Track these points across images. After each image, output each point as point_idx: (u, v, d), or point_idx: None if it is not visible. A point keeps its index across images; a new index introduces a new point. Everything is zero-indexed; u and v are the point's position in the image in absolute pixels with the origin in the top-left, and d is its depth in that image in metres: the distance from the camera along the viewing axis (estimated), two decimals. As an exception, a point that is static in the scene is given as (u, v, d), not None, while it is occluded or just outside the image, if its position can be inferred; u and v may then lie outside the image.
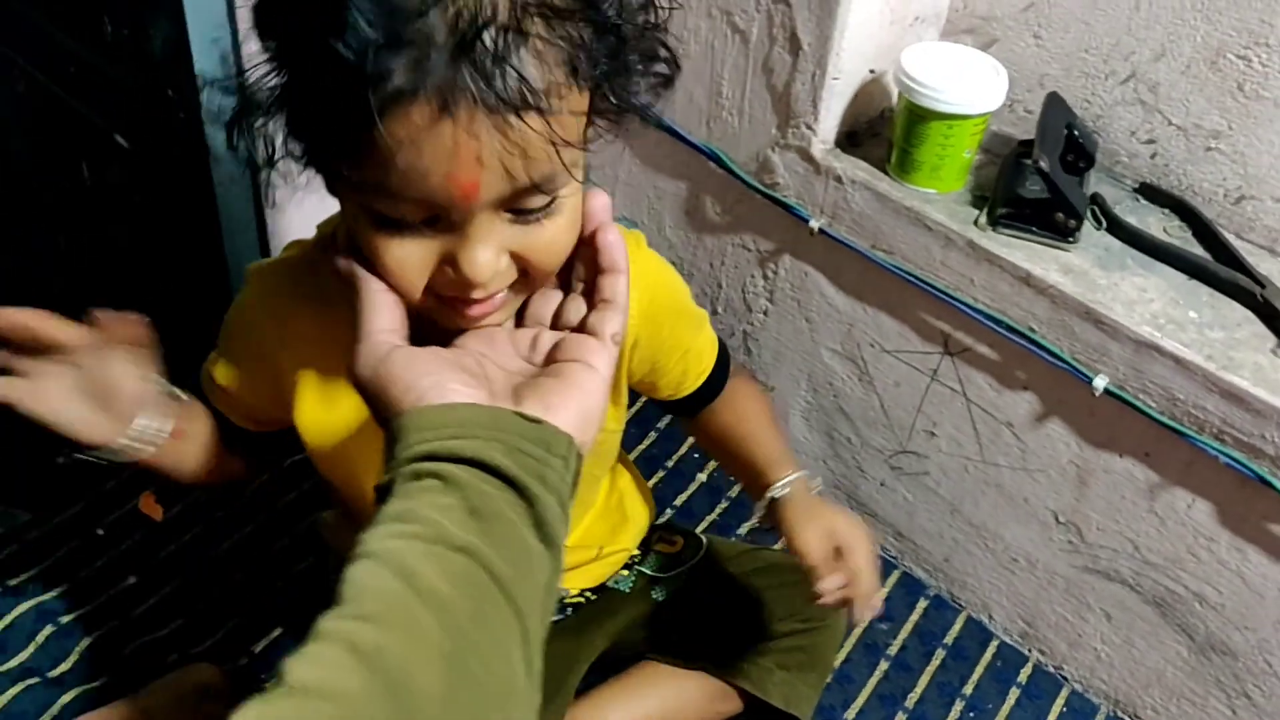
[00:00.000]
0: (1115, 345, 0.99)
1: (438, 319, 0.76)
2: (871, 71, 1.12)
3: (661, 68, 0.72)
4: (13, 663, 1.07)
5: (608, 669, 1.07)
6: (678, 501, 1.30)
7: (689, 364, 0.96)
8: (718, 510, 1.30)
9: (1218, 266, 1.01)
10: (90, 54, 1.29)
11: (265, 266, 0.87)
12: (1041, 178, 1.01)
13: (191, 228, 1.27)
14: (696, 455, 1.36)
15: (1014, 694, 1.16)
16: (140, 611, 1.13)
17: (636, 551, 1.10)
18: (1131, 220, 1.06)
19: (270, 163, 0.69)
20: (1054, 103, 1.08)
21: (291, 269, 0.85)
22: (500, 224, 0.67)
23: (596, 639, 1.06)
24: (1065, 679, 1.19)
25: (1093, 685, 1.17)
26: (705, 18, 1.15)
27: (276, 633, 1.13)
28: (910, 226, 1.08)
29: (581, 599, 1.05)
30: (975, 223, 1.06)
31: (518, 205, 0.67)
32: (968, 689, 1.15)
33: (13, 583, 1.13)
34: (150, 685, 1.03)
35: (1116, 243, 1.05)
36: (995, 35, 1.13)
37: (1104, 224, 1.06)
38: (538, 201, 0.67)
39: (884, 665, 1.16)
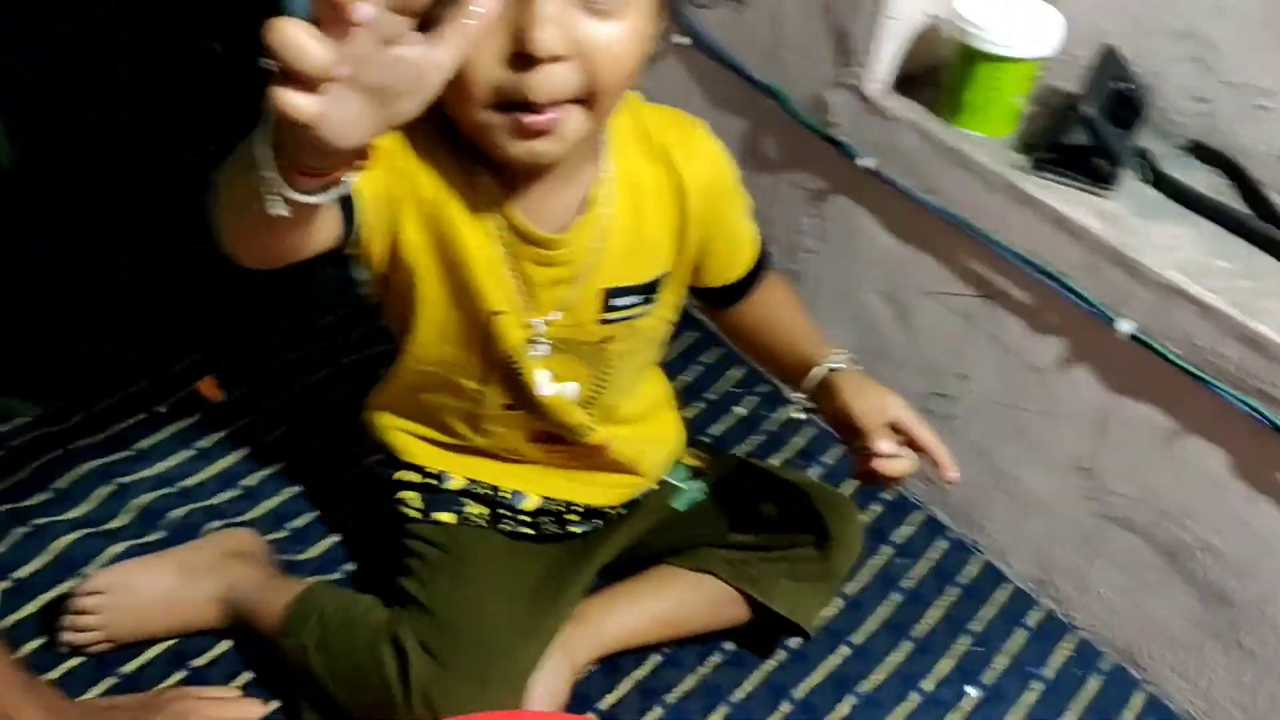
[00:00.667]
0: (1141, 289, 1.00)
1: (497, 140, 0.78)
2: (931, 16, 1.15)
3: None
4: (74, 513, 1.14)
5: (621, 571, 1.11)
6: (714, 431, 1.34)
7: (735, 249, 1.01)
8: (754, 444, 1.33)
9: (1256, 221, 1.03)
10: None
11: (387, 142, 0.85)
12: (1082, 123, 1.03)
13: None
14: (738, 390, 1.39)
15: (1021, 635, 1.18)
16: (193, 483, 1.20)
17: (669, 469, 1.14)
18: (1178, 176, 1.07)
19: None
20: (1107, 55, 1.10)
21: (411, 136, 0.85)
22: (569, 11, 0.73)
23: (612, 542, 1.10)
24: (1075, 626, 1.20)
25: (1100, 634, 1.19)
26: (772, -43, 1.19)
27: (314, 514, 1.19)
28: (954, 168, 1.11)
29: (614, 513, 1.10)
30: (1017, 166, 1.08)
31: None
32: (976, 626, 1.18)
33: (73, 446, 1.21)
34: (191, 541, 1.10)
35: (1157, 194, 1.07)
36: (1057, -10, 1.15)
37: (1148, 176, 1.08)
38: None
39: (897, 597, 1.19)
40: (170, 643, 1.06)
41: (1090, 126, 1.03)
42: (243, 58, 0.68)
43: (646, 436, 1.09)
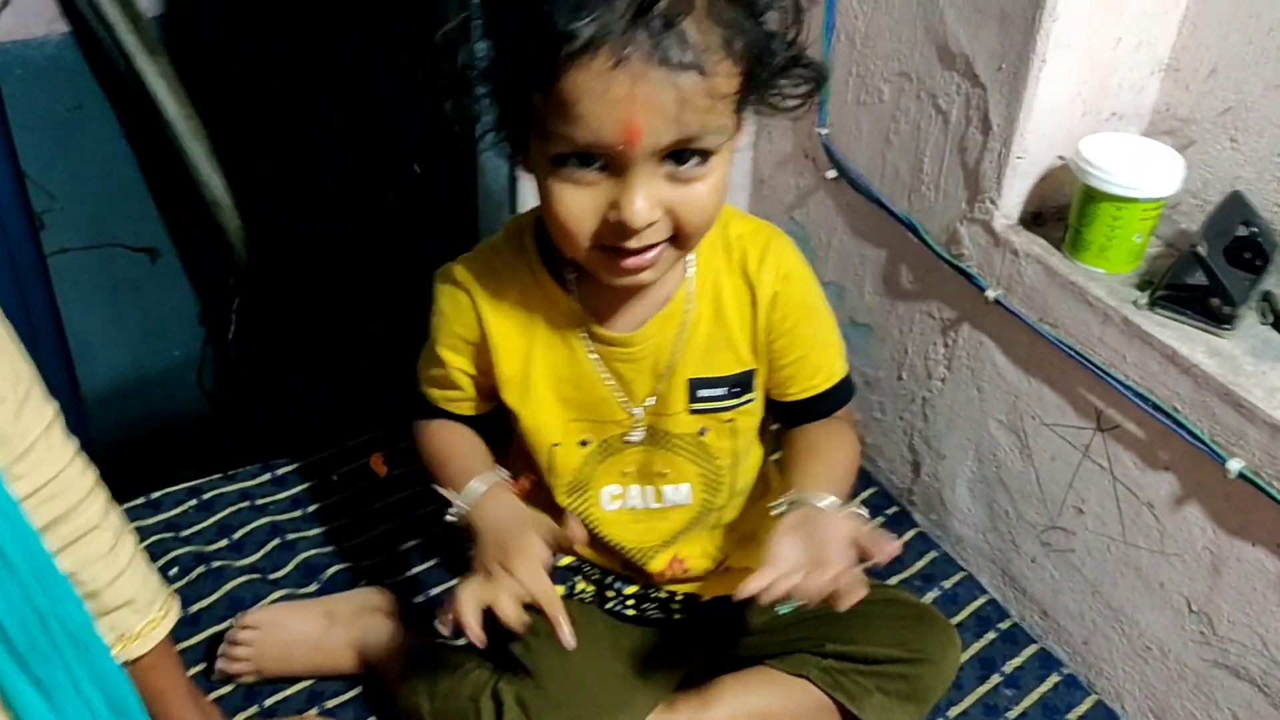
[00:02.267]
0: (1252, 429, 1.00)
1: (599, 271, 0.90)
2: (1061, 158, 1.20)
3: (807, 72, 0.87)
4: (245, 561, 1.29)
5: (719, 667, 1.15)
6: None
7: (797, 372, 1.05)
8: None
9: (1375, 369, 1.01)
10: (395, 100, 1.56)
11: (465, 259, 1.03)
12: (1197, 262, 1.05)
13: (456, 235, 1.50)
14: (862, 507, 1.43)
15: (1129, 780, 1.15)
16: (349, 545, 1.33)
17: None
18: (1302, 321, 1.07)
19: (473, 120, 0.87)
20: (1233, 200, 1.12)
21: (487, 257, 1.02)
22: (658, 178, 0.83)
23: (712, 634, 1.15)
24: (1189, 780, 1.16)
25: (1217, 791, 1.14)
26: (915, 99, 1.27)
27: (451, 583, 1.29)
28: (1074, 301, 1.14)
29: (713, 604, 1.15)
30: (1134, 302, 1.10)
31: (674, 162, 0.82)
32: (1081, 765, 1.16)
33: (259, 502, 1.36)
34: (340, 594, 1.22)
35: (1277, 337, 1.07)
36: (1193, 137, 1.18)
37: (1270, 319, 1.08)
38: (691, 160, 0.83)
39: (999, 726, 1.19)
40: (309, 682, 1.17)
41: (1204, 265, 1.04)
42: (438, 177, 0.86)
43: (751, 536, 1.15)
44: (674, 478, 1.07)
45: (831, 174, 1.40)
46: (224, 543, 1.30)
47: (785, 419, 1.08)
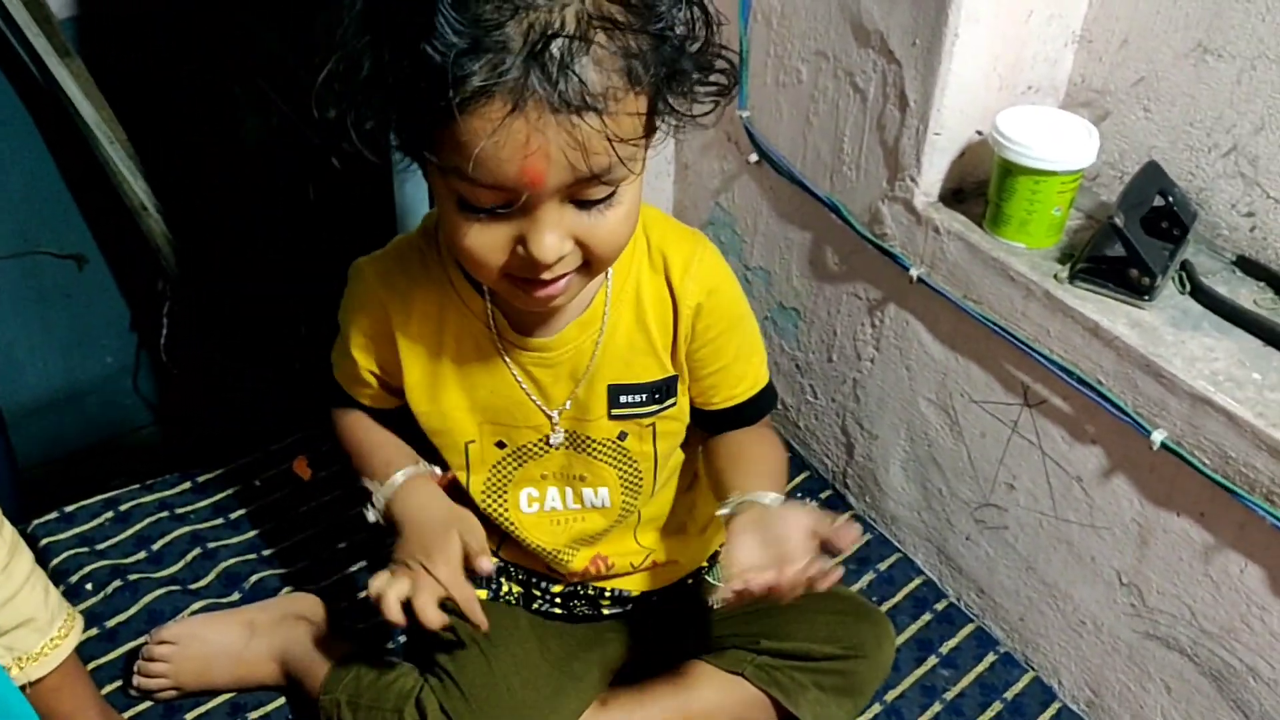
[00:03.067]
0: (1173, 400, 1.00)
1: (510, 298, 0.88)
2: (979, 133, 1.19)
3: (720, 77, 0.83)
4: (164, 572, 1.25)
5: (652, 662, 1.13)
6: None
7: (720, 381, 1.03)
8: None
9: (1293, 334, 1.01)
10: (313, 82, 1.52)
11: (377, 257, 1.01)
12: (1115, 233, 1.04)
13: (375, 230, 1.46)
14: (796, 494, 1.42)
15: (1066, 756, 1.14)
16: (272, 551, 1.30)
17: (704, 562, 1.17)
18: (1222, 290, 1.07)
19: (364, 142, 0.82)
20: (1149, 170, 1.11)
21: (402, 255, 1.00)
22: (566, 211, 0.79)
23: (642, 629, 1.14)
24: (1126, 753, 1.16)
25: (1153, 763, 1.14)
26: (832, 78, 1.25)
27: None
28: (996, 277, 1.13)
29: (642, 599, 1.13)
30: (1055, 276, 1.09)
31: (581, 195, 0.79)
32: (1018, 743, 1.15)
33: (179, 511, 1.33)
34: (261, 602, 1.19)
35: (1196, 306, 1.06)
36: (1108, 109, 1.18)
37: (1188, 288, 1.08)
38: (599, 192, 0.79)
39: (937, 707, 1.18)
40: (230, 695, 1.14)
41: (1122, 236, 1.04)
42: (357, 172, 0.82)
43: (678, 530, 1.13)
44: (593, 481, 1.05)
45: (754, 158, 1.38)
46: (142, 555, 1.27)
47: (708, 427, 1.06)
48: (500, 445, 1.02)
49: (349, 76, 0.77)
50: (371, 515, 1.01)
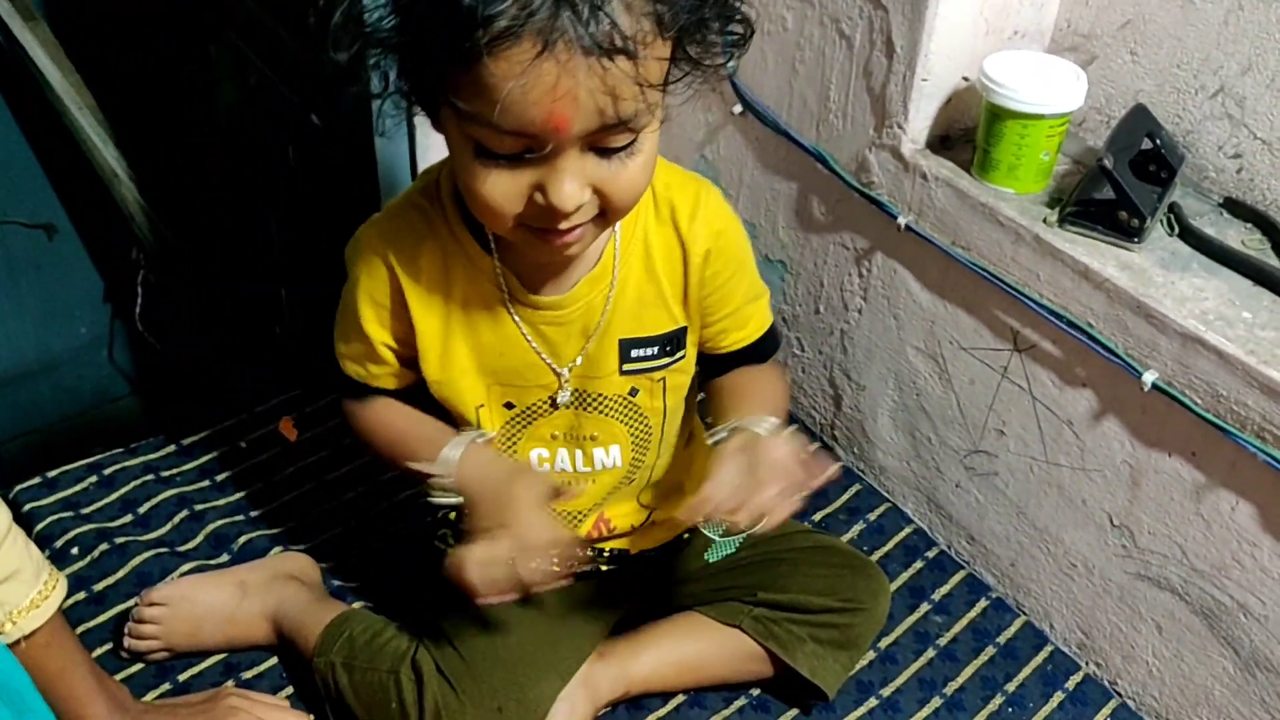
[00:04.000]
0: (1164, 340, 1.00)
1: (527, 251, 0.87)
2: (965, 79, 1.18)
3: (737, 28, 0.82)
4: (151, 535, 1.24)
5: (651, 615, 1.14)
6: None
7: (730, 325, 1.03)
8: (798, 498, 1.35)
9: (1282, 273, 1.01)
10: (295, 44, 1.50)
11: (380, 219, 0.98)
12: (1104, 175, 1.04)
13: (356, 189, 1.45)
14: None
15: (1058, 697, 1.15)
16: (260, 513, 1.29)
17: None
18: (1210, 231, 1.07)
19: (383, 95, 0.82)
20: (1137, 112, 1.11)
21: (406, 217, 0.97)
22: (587, 159, 0.78)
23: (641, 584, 1.13)
24: (1118, 693, 1.17)
25: (1144, 702, 1.15)
26: (818, 25, 1.24)
27: (368, 546, 1.26)
28: (985, 222, 1.13)
29: (640, 556, 1.13)
30: (1044, 220, 1.09)
31: (603, 143, 0.77)
32: (1011, 686, 1.15)
33: (164, 474, 1.31)
34: (252, 562, 1.18)
35: (1185, 247, 1.07)
36: (1095, 53, 1.17)
37: (1176, 230, 1.08)
38: (621, 140, 0.78)
39: (931, 653, 1.18)
40: (222, 655, 1.13)
41: (1111, 179, 1.04)
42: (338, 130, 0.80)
43: (676, 488, 1.12)
44: (604, 440, 1.04)
45: (738, 108, 1.37)
46: (128, 518, 1.25)
47: (716, 370, 1.05)
48: (509, 406, 1.01)
49: (365, 16, 0.75)
50: (439, 498, 0.96)
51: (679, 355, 1.02)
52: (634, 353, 1.00)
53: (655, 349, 1.00)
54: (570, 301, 0.95)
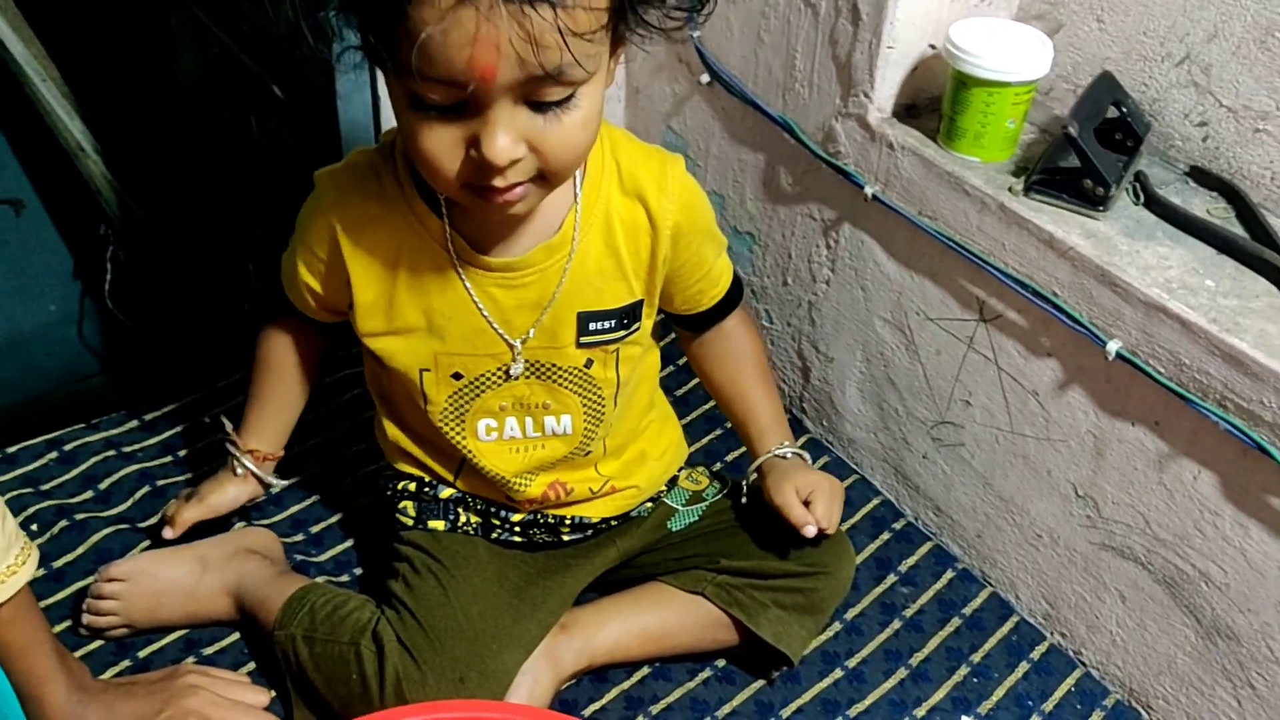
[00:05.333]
0: (1128, 309, 0.99)
1: (474, 211, 0.86)
2: (932, 47, 1.17)
3: None
4: (112, 511, 1.23)
5: (614, 586, 1.14)
6: (704, 442, 1.37)
7: (705, 285, 1.06)
8: (740, 452, 1.35)
9: (1246, 241, 1.01)
10: (256, 12, 1.47)
11: (336, 171, 0.99)
12: (1069, 143, 1.03)
13: (320, 159, 1.43)
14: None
15: (1023, 667, 1.15)
16: (226, 487, 1.27)
17: (663, 486, 1.16)
18: (1176, 200, 1.06)
19: (329, 44, 0.81)
20: (1103, 80, 1.10)
21: (359, 173, 0.97)
22: (520, 113, 0.77)
23: (604, 554, 1.13)
24: (1082, 663, 1.17)
25: (1108, 671, 1.15)
26: (784, -7, 1.23)
27: (331, 520, 1.25)
28: (951, 191, 1.12)
29: (603, 525, 1.13)
30: (1010, 189, 1.09)
31: (536, 95, 0.76)
32: (976, 656, 1.15)
33: (126, 450, 1.30)
34: (214, 537, 1.16)
35: (1150, 216, 1.06)
36: (1062, 20, 1.16)
37: (1141, 198, 1.07)
38: (555, 93, 0.77)
39: (897, 624, 1.18)
40: (184, 631, 1.12)
41: (1076, 146, 1.03)
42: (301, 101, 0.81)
43: (639, 457, 1.12)
44: (556, 409, 1.04)
45: (705, 79, 1.35)
46: (89, 494, 1.24)
47: (694, 327, 1.10)
48: (457, 377, 1.01)
49: None
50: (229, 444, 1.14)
51: (634, 328, 1.02)
52: (591, 325, 0.99)
53: (612, 322, 1.00)
54: (523, 264, 0.95)
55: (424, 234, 0.94)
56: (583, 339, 1.00)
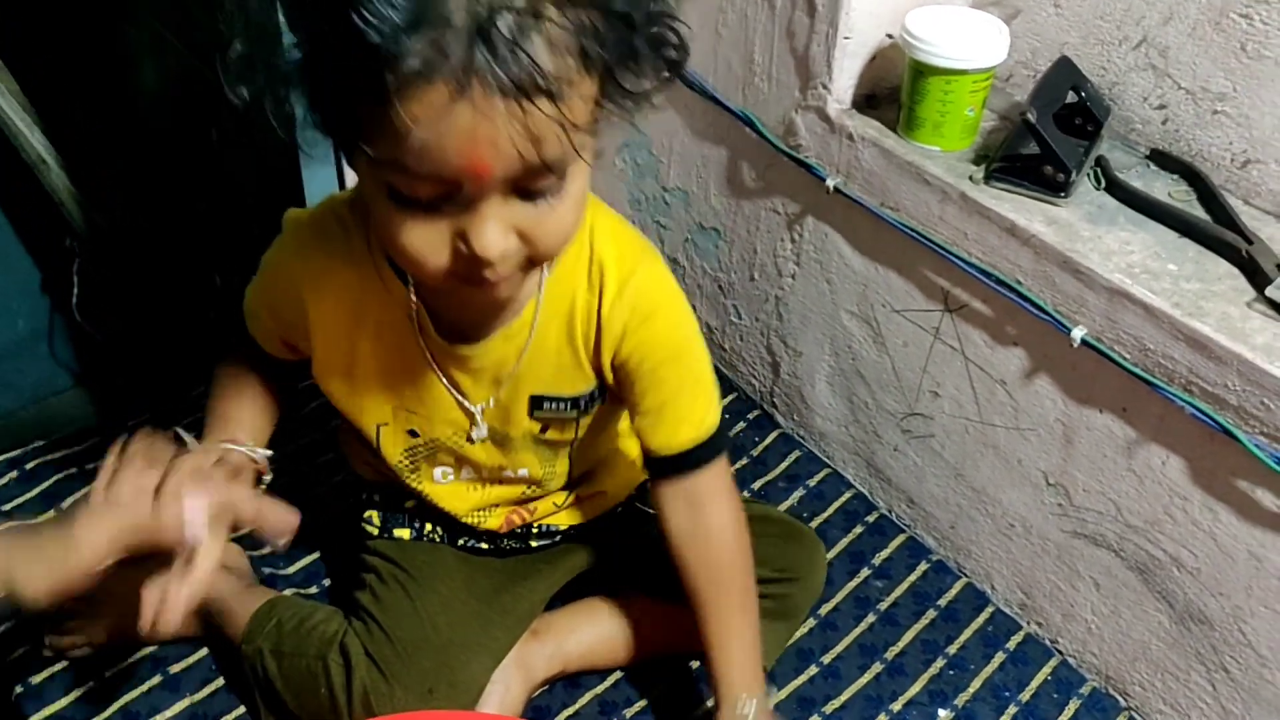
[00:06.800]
0: (1091, 295, 0.99)
1: (454, 295, 0.82)
2: (889, 36, 1.16)
3: (671, 53, 0.74)
4: (75, 530, 1.21)
5: (582, 592, 1.12)
6: None
7: (660, 420, 0.95)
8: (737, 467, 1.34)
9: (1207, 224, 1.00)
10: (212, 22, 1.45)
11: (304, 220, 0.94)
12: (1027, 129, 1.02)
13: (280, 169, 1.41)
14: (724, 415, 1.40)
15: (999, 658, 1.14)
16: (192, 502, 1.25)
17: (633, 491, 1.15)
18: (1137, 184, 1.06)
19: (290, 132, 0.73)
20: (1061, 65, 1.09)
21: (325, 226, 0.92)
22: (510, 203, 0.72)
23: (573, 559, 1.12)
24: (1059, 651, 1.17)
25: (1085, 660, 1.15)
26: (740, -13, 1.22)
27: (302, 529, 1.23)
28: (912, 182, 1.11)
29: (571, 531, 1.11)
30: (970, 177, 1.08)
31: (527, 185, 0.71)
32: (952, 649, 1.15)
33: (89, 466, 1.28)
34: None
35: (1111, 201, 1.05)
36: (1019, 6, 1.15)
37: (1103, 183, 1.06)
38: (546, 183, 0.71)
39: (871, 618, 1.17)
40: (150, 649, 1.10)
41: (1035, 132, 1.02)
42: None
43: (606, 464, 1.11)
44: (512, 466, 1.02)
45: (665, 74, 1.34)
46: (50, 514, 1.22)
47: (652, 470, 0.98)
48: (413, 434, 0.99)
49: (265, 50, 0.69)
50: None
51: (591, 408, 0.99)
52: (545, 404, 0.96)
53: (567, 404, 0.97)
54: (480, 354, 0.92)
55: (390, 303, 0.90)
56: (535, 413, 0.97)
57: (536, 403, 0.96)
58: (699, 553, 0.97)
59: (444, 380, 0.94)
